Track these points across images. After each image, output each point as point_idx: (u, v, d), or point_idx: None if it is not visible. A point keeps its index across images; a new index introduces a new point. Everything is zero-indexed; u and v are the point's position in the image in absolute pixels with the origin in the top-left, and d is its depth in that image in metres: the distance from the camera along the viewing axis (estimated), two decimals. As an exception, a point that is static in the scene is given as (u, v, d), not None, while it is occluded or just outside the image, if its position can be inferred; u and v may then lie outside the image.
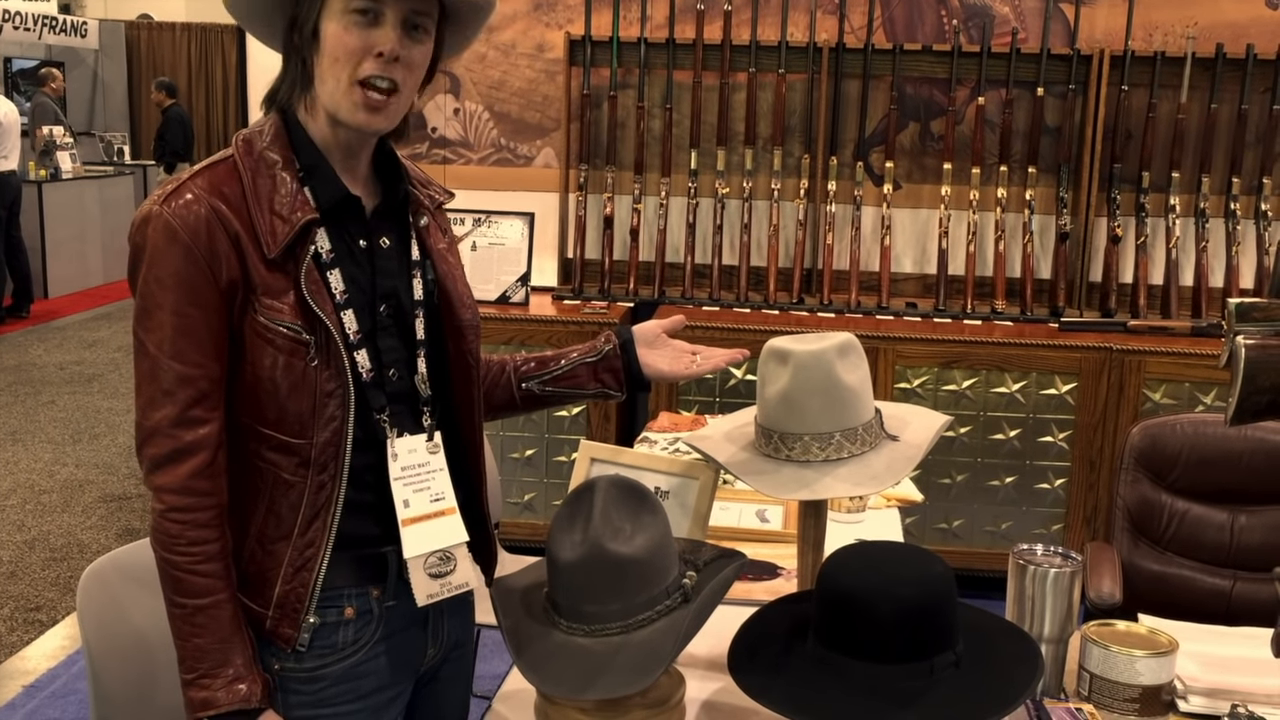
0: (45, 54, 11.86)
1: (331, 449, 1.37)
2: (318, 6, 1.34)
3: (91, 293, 9.25)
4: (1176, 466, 2.62)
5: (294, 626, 1.39)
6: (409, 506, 1.42)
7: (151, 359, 1.32)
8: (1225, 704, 1.62)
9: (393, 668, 1.48)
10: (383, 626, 1.45)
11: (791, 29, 4.04)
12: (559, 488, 3.88)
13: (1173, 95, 3.94)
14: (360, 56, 1.33)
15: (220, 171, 1.36)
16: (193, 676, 1.34)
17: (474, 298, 1.54)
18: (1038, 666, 1.42)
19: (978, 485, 3.78)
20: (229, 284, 1.32)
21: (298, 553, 1.38)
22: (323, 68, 1.35)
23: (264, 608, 1.39)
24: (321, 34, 1.34)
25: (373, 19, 1.33)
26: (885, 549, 1.48)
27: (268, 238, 1.33)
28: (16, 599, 3.89)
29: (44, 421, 5.88)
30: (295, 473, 1.37)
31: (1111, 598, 2.40)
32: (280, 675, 1.41)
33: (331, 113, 1.36)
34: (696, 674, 1.68)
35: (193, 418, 1.32)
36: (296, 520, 1.38)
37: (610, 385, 1.69)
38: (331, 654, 1.42)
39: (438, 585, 1.44)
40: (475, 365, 1.52)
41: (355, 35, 1.33)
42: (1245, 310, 1.40)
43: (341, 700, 1.43)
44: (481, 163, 4.31)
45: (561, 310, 4.01)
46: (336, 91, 1.34)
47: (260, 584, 1.39)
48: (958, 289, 4.06)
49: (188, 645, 1.34)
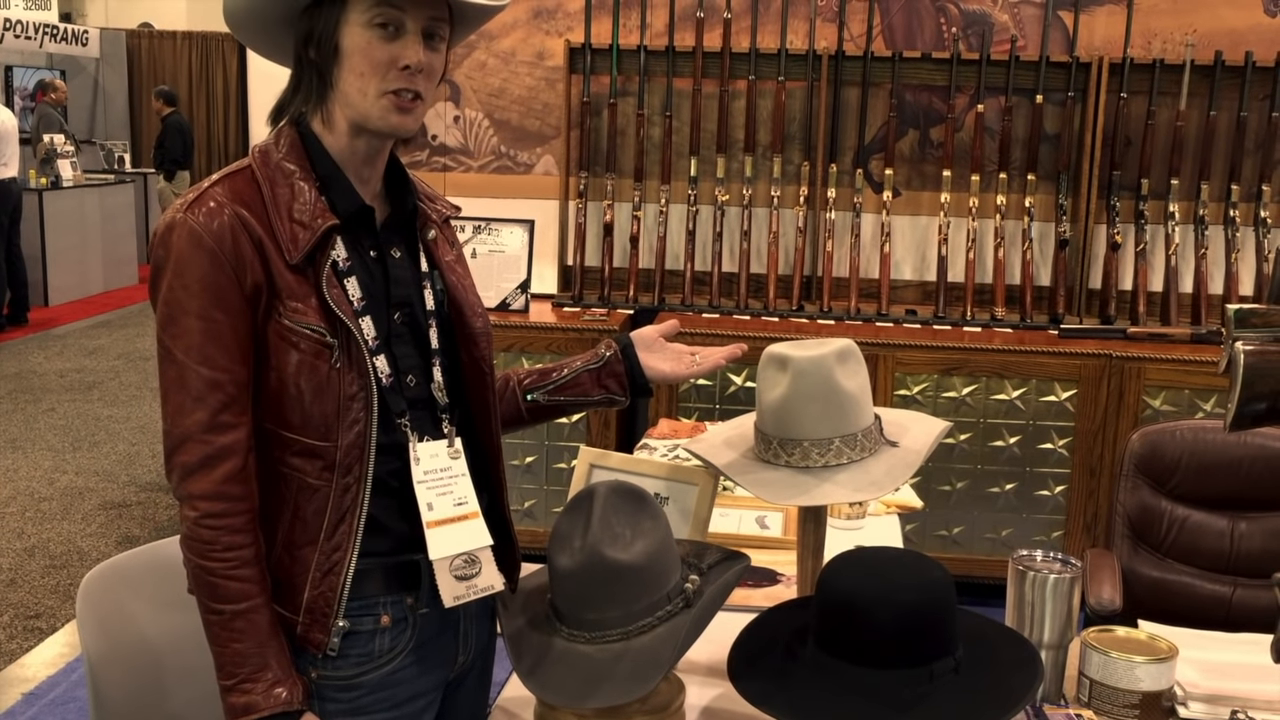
0: (46, 62, 11.89)
1: (356, 451, 1.37)
2: (335, 20, 1.34)
3: (92, 300, 9.26)
4: (1176, 473, 2.62)
5: (324, 631, 1.39)
6: (433, 510, 1.43)
7: (179, 365, 1.33)
8: (1225, 710, 1.62)
9: (426, 675, 1.48)
10: (417, 634, 1.46)
11: (791, 36, 4.05)
12: (559, 494, 3.88)
13: (1172, 102, 3.95)
14: (386, 69, 1.35)
15: (240, 180, 1.37)
16: (233, 682, 1.34)
17: (484, 307, 1.56)
18: (1037, 672, 1.42)
19: (978, 492, 3.78)
20: (253, 288, 1.33)
21: (324, 557, 1.38)
22: (346, 81, 1.36)
23: (294, 614, 1.39)
24: (343, 48, 1.35)
25: (394, 31, 1.34)
26: (885, 555, 1.48)
27: (289, 244, 1.35)
28: (16, 606, 3.89)
29: (44, 429, 5.88)
30: (320, 477, 1.37)
31: (1111, 604, 2.39)
32: (317, 683, 1.41)
33: (358, 122, 1.38)
34: (696, 680, 1.68)
35: (223, 423, 1.33)
36: (322, 525, 1.38)
37: (614, 390, 1.70)
38: (368, 662, 1.43)
39: (464, 587, 1.44)
40: (489, 372, 1.53)
41: (380, 49, 1.34)
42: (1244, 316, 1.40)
43: (377, 708, 1.44)
44: (482, 170, 4.31)
45: (561, 317, 4.01)
46: (363, 103, 1.36)
47: (289, 590, 1.39)
48: (957, 296, 4.06)
49: (226, 651, 1.34)
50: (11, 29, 10.63)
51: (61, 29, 11.58)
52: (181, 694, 1.79)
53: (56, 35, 11.44)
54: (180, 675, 1.79)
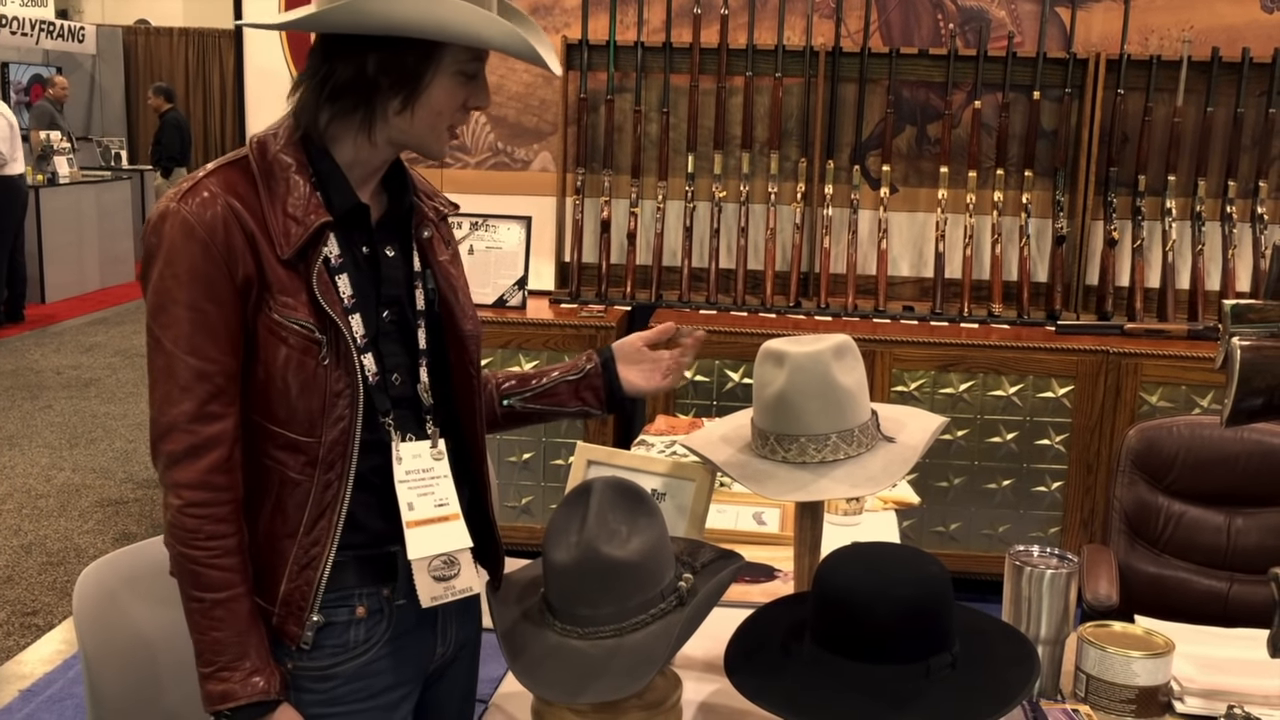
0: (43, 59, 11.87)
1: (339, 449, 1.38)
2: (430, 60, 1.36)
3: (88, 297, 9.25)
4: (1173, 469, 2.62)
5: (299, 624, 1.39)
6: (413, 509, 1.43)
7: (168, 355, 1.33)
8: (1221, 705, 1.63)
9: (403, 667, 1.48)
10: (393, 626, 1.46)
11: (788, 33, 4.05)
12: (556, 491, 3.88)
13: (1169, 99, 3.95)
14: (460, 111, 1.41)
15: (235, 171, 1.37)
16: (210, 670, 1.35)
17: (475, 309, 1.56)
18: (1034, 668, 1.42)
19: (975, 488, 3.78)
20: (244, 281, 1.33)
21: (303, 551, 1.39)
22: (419, 117, 1.38)
23: (270, 604, 1.40)
24: (428, 89, 1.37)
25: (474, 77, 1.40)
26: (882, 550, 1.48)
27: (281, 239, 1.35)
28: (13, 603, 3.89)
29: (41, 426, 5.87)
30: (302, 471, 1.37)
31: (1108, 599, 2.40)
32: (293, 674, 1.42)
33: (409, 146, 1.41)
34: (693, 675, 1.68)
35: (210, 413, 1.33)
36: (302, 519, 1.38)
37: (591, 403, 1.71)
38: (343, 653, 1.43)
39: (441, 588, 1.44)
40: (476, 375, 1.53)
41: (461, 93, 1.39)
42: (1241, 312, 1.40)
43: (353, 699, 1.44)
44: (479, 167, 4.31)
45: (559, 314, 4.01)
46: (429, 136, 1.40)
47: (268, 581, 1.40)
48: (954, 292, 4.06)
49: (206, 639, 1.35)
50: (7, 25, 10.61)
51: (58, 25, 11.55)
52: (178, 690, 1.79)
53: (53, 32, 11.41)
54: (177, 671, 1.78)
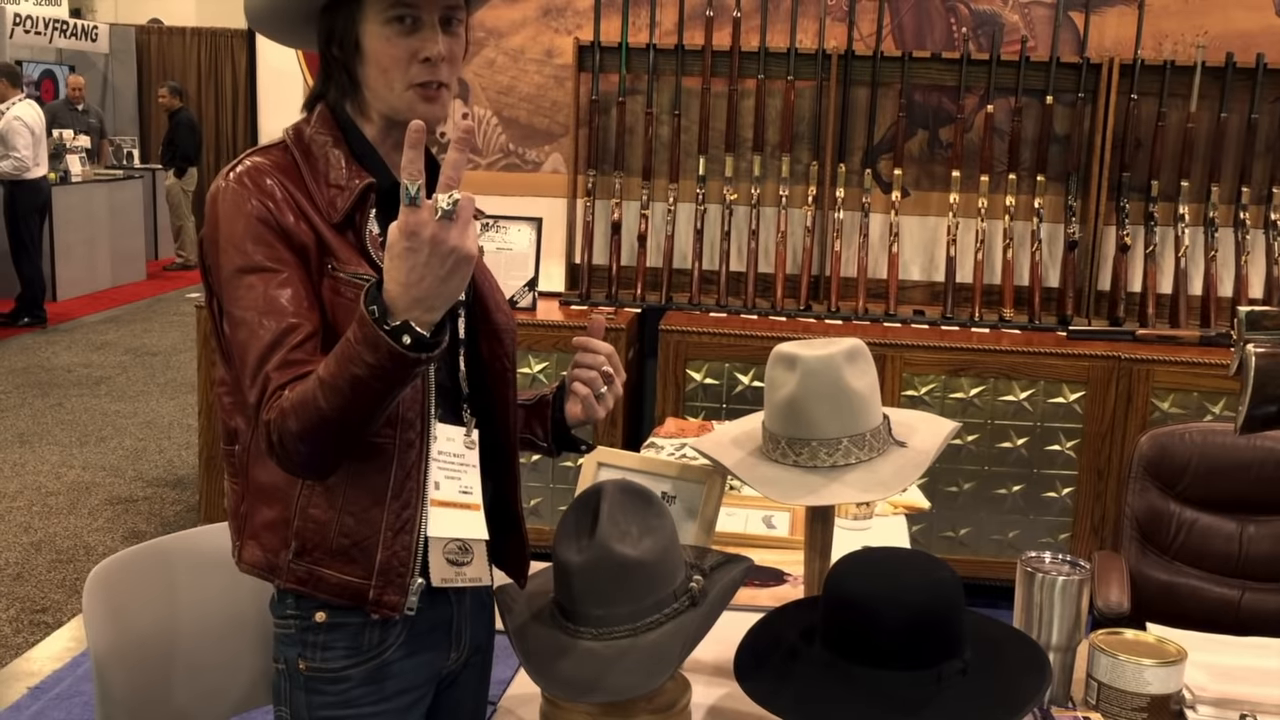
0: (56, 58, 11.91)
1: (416, 405, 1.37)
2: (353, 19, 1.35)
3: (100, 295, 9.27)
4: (1185, 476, 2.61)
5: (400, 592, 1.39)
6: (439, 489, 1.43)
7: (248, 326, 1.30)
8: (1234, 714, 1.62)
9: (417, 669, 1.48)
10: (408, 628, 1.46)
11: (800, 36, 4.04)
12: (565, 493, 3.88)
13: (1182, 104, 3.94)
14: (408, 63, 1.35)
15: (276, 152, 1.39)
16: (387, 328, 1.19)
17: (507, 303, 1.55)
18: (1045, 675, 1.41)
19: (985, 493, 3.77)
20: (301, 248, 1.33)
21: (394, 515, 1.38)
22: (371, 77, 1.37)
23: (365, 578, 1.38)
24: (364, 45, 1.36)
25: (412, 25, 1.35)
26: (892, 555, 1.47)
27: (328, 208, 1.36)
28: (22, 601, 3.90)
29: (51, 424, 5.89)
30: (382, 434, 1.36)
31: (1119, 606, 2.39)
32: (306, 675, 1.42)
33: (389, 115, 1.39)
34: (702, 679, 1.67)
35: (296, 359, 1.28)
36: (389, 483, 1.37)
37: (538, 435, 1.65)
38: (357, 654, 1.43)
39: (453, 572, 1.44)
40: (511, 369, 1.53)
41: (399, 45, 1.35)
42: (1255, 319, 1.39)
43: (366, 701, 1.44)
44: (490, 168, 4.31)
45: (569, 315, 4.01)
46: (391, 97, 1.37)
47: (360, 554, 1.38)
48: (965, 297, 4.05)
49: (357, 368, 1.21)
50: (21, 24, 10.65)
51: (71, 24, 11.60)
52: (187, 689, 1.79)
53: (66, 30, 11.45)
54: (186, 670, 1.79)
